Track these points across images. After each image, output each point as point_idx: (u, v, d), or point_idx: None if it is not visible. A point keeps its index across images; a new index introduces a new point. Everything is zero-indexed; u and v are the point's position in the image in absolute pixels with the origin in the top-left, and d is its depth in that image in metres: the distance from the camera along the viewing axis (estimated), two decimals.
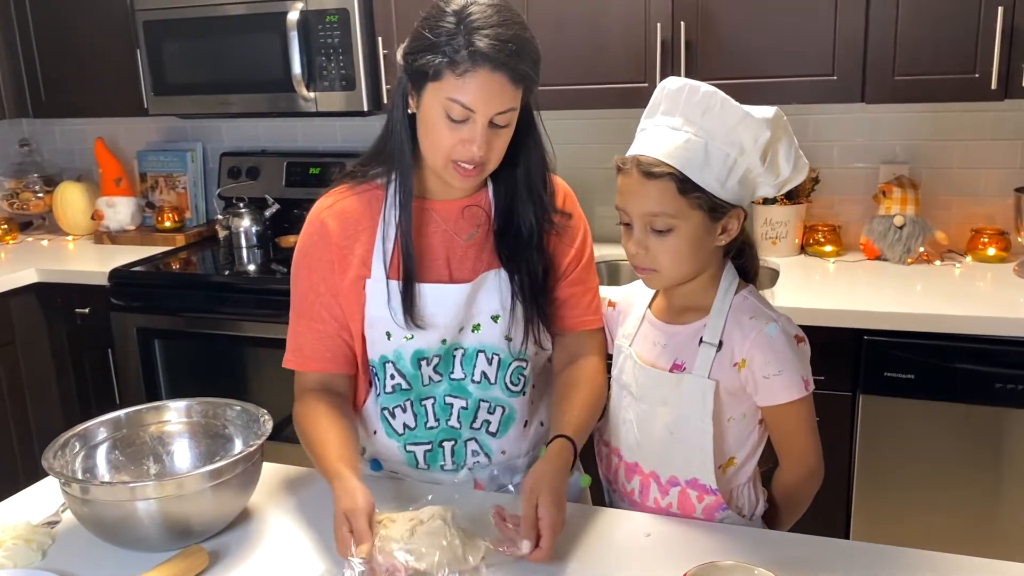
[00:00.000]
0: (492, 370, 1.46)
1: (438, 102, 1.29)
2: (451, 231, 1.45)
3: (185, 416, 1.51)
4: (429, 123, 1.32)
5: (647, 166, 1.30)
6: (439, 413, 1.47)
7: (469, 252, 1.45)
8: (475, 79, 1.26)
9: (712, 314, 1.36)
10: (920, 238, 2.56)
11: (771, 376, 1.32)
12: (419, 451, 1.49)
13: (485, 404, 1.47)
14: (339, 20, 2.74)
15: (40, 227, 3.66)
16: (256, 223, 3.18)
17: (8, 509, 1.47)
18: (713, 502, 1.37)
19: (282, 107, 2.92)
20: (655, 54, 2.49)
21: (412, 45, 1.32)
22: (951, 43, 2.27)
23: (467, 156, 1.32)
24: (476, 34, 1.26)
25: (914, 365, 2.15)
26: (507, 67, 1.27)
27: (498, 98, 1.29)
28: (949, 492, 2.20)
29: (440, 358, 1.44)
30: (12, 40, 3.23)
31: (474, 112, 1.29)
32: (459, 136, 1.31)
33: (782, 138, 1.32)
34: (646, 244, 1.33)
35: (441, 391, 1.46)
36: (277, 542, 1.34)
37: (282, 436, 1.43)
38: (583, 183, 1.61)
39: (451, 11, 1.29)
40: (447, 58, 1.26)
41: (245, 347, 2.83)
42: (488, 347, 1.45)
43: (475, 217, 1.45)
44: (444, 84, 1.28)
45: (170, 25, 2.96)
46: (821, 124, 2.74)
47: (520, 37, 1.29)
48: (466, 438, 1.48)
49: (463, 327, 1.44)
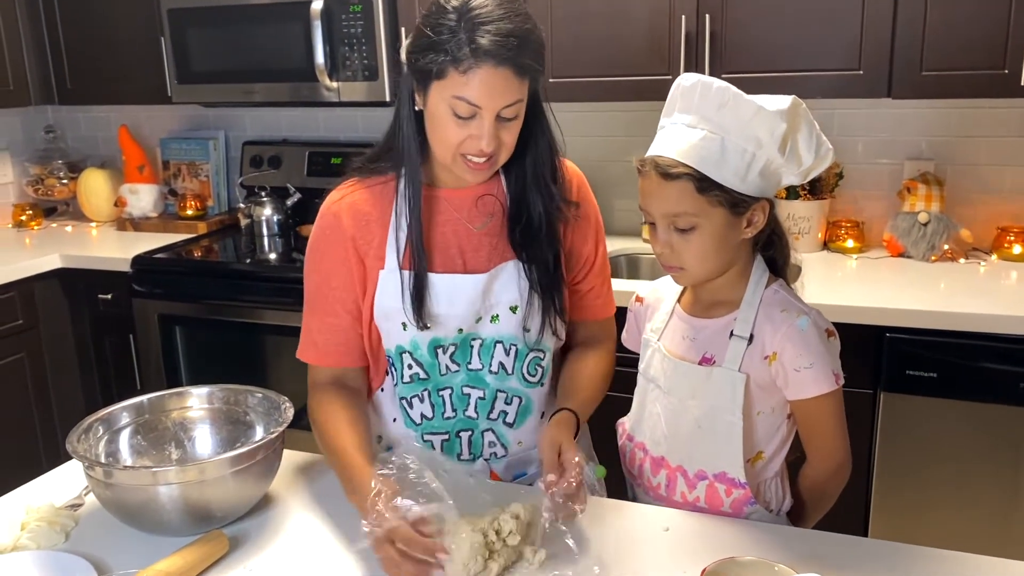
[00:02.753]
0: (510, 360, 1.46)
1: (444, 100, 1.29)
2: (464, 220, 1.44)
3: (207, 402, 1.52)
4: (436, 120, 1.32)
5: (664, 167, 1.29)
6: (456, 403, 1.47)
7: (484, 241, 1.44)
8: (479, 75, 1.25)
9: (742, 307, 1.36)
10: (944, 235, 2.53)
11: (802, 369, 1.31)
12: (436, 440, 1.49)
13: (502, 395, 1.47)
14: (362, 10, 2.74)
15: (64, 213, 3.69)
16: (277, 212, 3.20)
17: (32, 491, 1.48)
18: (742, 496, 1.37)
19: (305, 96, 2.93)
20: (679, 47, 2.47)
21: (414, 44, 1.31)
22: (979, 38, 2.24)
23: (476, 151, 1.31)
24: (478, 30, 1.24)
25: (936, 363, 2.14)
26: (511, 61, 1.26)
27: (504, 92, 1.28)
28: (969, 491, 2.18)
29: (457, 347, 1.44)
30: (39, 28, 3.26)
31: (480, 108, 1.28)
32: (467, 132, 1.30)
33: (800, 127, 1.31)
34: (671, 243, 1.33)
35: (459, 381, 1.46)
36: (297, 528, 1.35)
37: (302, 424, 1.44)
38: (603, 175, 1.61)
39: (452, 7, 1.27)
40: (450, 56, 1.25)
41: (265, 335, 2.84)
42: (506, 337, 1.45)
43: (488, 206, 1.45)
44: (449, 82, 1.27)
45: (195, 14, 2.98)
46: (846, 119, 2.72)
47: (522, 29, 1.28)
48: (483, 428, 1.48)
49: (480, 317, 1.44)
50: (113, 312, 3.05)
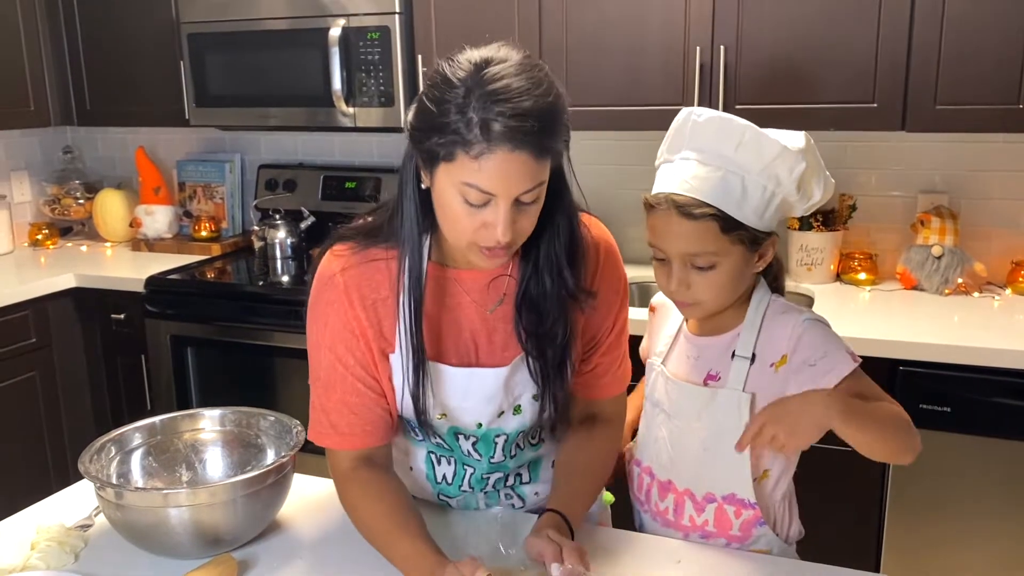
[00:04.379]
0: (525, 441, 1.43)
1: (453, 185, 1.12)
2: (477, 303, 1.31)
3: (219, 424, 1.52)
4: (446, 205, 1.16)
5: (686, 207, 1.27)
6: (475, 484, 1.42)
7: (498, 327, 1.31)
8: (493, 161, 1.08)
9: (745, 327, 1.36)
10: (958, 269, 2.53)
11: (817, 361, 1.29)
12: (452, 501, 1.46)
13: (519, 465, 1.45)
14: (380, 37, 2.77)
15: (80, 233, 3.72)
16: (291, 235, 3.21)
17: (43, 511, 1.49)
18: (751, 516, 1.36)
19: (321, 122, 2.96)
20: (693, 77, 2.49)
21: (418, 120, 1.14)
22: (994, 73, 2.25)
23: (492, 242, 1.15)
24: (491, 111, 1.06)
25: (950, 398, 2.12)
26: (529, 144, 1.08)
27: (521, 178, 1.11)
28: (982, 529, 2.15)
29: (478, 439, 1.36)
30: (60, 50, 3.31)
31: (495, 195, 1.11)
32: (480, 219, 1.14)
33: (814, 164, 1.32)
34: (687, 281, 1.32)
35: (481, 468, 1.40)
36: (306, 553, 1.34)
37: (313, 448, 1.44)
38: (615, 203, 1.61)
39: (458, 80, 1.09)
40: (459, 138, 1.08)
41: (276, 357, 2.85)
42: (529, 427, 1.38)
43: (501, 287, 1.31)
44: (457, 166, 1.10)
45: (214, 38, 3.02)
46: (859, 151, 2.72)
47: (543, 105, 1.09)
48: (501, 491, 1.46)
49: (503, 411, 1.33)
50: (125, 332, 3.06)
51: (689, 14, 2.48)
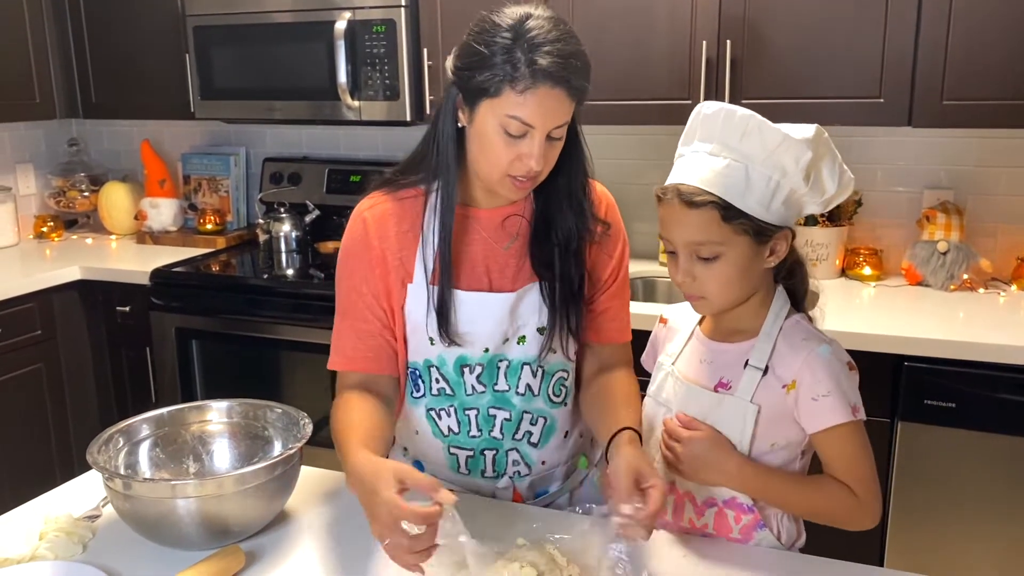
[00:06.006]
0: (536, 382, 1.46)
1: (495, 118, 1.28)
2: (491, 239, 1.45)
3: (226, 416, 1.53)
4: (485, 138, 1.31)
5: (688, 195, 1.28)
6: (482, 424, 1.47)
7: (510, 261, 1.45)
8: (536, 96, 1.25)
9: (760, 338, 1.35)
10: (964, 265, 2.53)
11: (819, 397, 1.29)
12: (461, 455, 1.49)
13: (528, 415, 1.47)
14: (385, 31, 2.77)
15: (85, 225, 3.73)
16: (296, 228, 3.22)
17: (51, 501, 1.49)
18: (751, 521, 1.36)
19: (326, 115, 2.96)
20: (699, 72, 2.49)
21: (466, 60, 1.30)
22: (1000, 68, 2.24)
23: (525, 171, 1.31)
24: (537, 51, 1.24)
25: (955, 393, 2.12)
26: (567, 83, 1.27)
27: (556, 113, 1.28)
28: (986, 524, 2.16)
29: (483, 367, 1.44)
30: (66, 43, 3.31)
31: (533, 128, 1.28)
32: (517, 151, 1.30)
33: (825, 156, 1.31)
34: (693, 272, 1.32)
35: (485, 403, 1.46)
36: (313, 545, 1.35)
37: (320, 440, 1.44)
38: (622, 198, 1.60)
39: (507, 25, 1.27)
40: (507, 75, 1.25)
41: (281, 350, 2.86)
42: (533, 359, 1.45)
43: (514, 226, 1.45)
44: (503, 100, 1.27)
45: (219, 31, 3.02)
46: (864, 146, 2.72)
47: (578, 52, 1.28)
48: (507, 448, 1.49)
49: (508, 338, 1.44)
50: (130, 325, 3.07)
51: (695, 8, 2.48)
